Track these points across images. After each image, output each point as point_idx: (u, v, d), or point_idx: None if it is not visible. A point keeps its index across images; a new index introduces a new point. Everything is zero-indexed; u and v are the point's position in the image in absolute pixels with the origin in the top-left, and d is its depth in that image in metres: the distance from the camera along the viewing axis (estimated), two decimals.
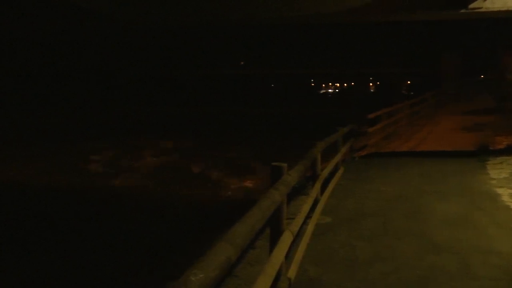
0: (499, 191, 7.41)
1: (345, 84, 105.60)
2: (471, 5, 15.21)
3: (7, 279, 7.40)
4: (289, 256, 4.09)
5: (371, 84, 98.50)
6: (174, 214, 11.07)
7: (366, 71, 76.57)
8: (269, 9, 19.45)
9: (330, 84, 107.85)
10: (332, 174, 8.10)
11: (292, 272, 4.08)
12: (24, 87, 47.81)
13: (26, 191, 13.82)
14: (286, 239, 3.69)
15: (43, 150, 20.40)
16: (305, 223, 5.21)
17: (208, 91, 63.73)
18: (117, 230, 9.67)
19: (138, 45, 57.90)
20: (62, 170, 16.60)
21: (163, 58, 62.08)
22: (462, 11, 15.65)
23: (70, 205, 12.20)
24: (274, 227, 3.67)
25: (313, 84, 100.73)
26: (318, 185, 6.19)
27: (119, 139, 23.44)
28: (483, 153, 10.79)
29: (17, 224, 10.40)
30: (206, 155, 19.16)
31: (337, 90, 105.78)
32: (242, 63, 76.16)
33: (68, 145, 21.74)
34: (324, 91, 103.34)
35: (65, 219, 10.69)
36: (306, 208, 5.11)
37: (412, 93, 53.56)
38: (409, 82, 79.38)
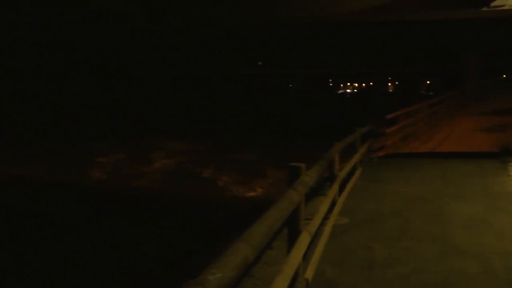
0: None
1: (364, 84, 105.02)
2: (494, 3, 14.96)
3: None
4: (306, 256, 4.07)
5: (389, 84, 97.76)
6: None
7: (385, 71, 75.94)
8: (288, 8, 19.41)
9: (348, 84, 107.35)
10: (350, 174, 8.04)
11: (309, 273, 4.06)
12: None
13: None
14: (304, 239, 3.68)
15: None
16: (322, 223, 5.18)
17: (224, 91, 63.69)
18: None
19: (152, 45, 58.02)
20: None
21: (176, 58, 62.11)
22: (484, 9, 15.39)
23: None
24: (291, 227, 3.66)
25: (331, 84, 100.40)
26: (336, 186, 6.15)
27: (127, 140, 23.52)
28: (505, 155, 10.58)
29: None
30: (215, 157, 18.96)
31: (355, 90, 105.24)
32: (260, 63, 76.20)
33: (80, 146, 21.82)
34: (342, 91, 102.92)
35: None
36: (323, 208, 5.08)
37: (431, 93, 52.99)
38: (428, 82, 78.51)
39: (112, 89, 54.89)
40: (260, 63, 76.27)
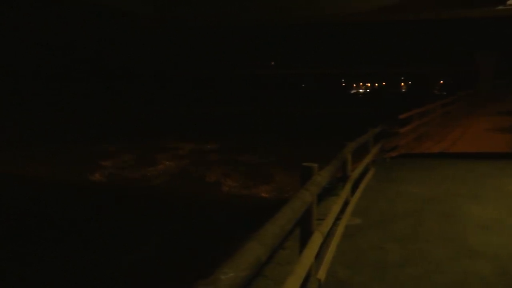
0: None
1: (376, 84, 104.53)
2: (510, 1, 14.74)
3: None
4: (318, 257, 4.06)
5: (402, 84, 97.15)
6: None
7: (398, 71, 75.51)
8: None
9: (361, 84, 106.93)
10: (362, 175, 8.00)
11: (321, 274, 4.05)
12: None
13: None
14: (316, 240, 3.67)
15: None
16: (335, 224, 5.16)
17: (232, 91, 63.54)
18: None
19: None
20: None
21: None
22: (500, 7, 15.19)
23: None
24: (304, 227, 3.65)
25: (344, 84, 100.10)
26: (348, 186, 6.13)
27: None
28: None
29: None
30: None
31: (368, 90, 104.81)
32: (272, 63, 76.26)
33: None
34: (355, 91, 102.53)
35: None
36: (336, 209, 5.06)
37: (444, 93, 52.52)
38: (441, 82, 77.84)
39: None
40: (272, 63, 76.32)
